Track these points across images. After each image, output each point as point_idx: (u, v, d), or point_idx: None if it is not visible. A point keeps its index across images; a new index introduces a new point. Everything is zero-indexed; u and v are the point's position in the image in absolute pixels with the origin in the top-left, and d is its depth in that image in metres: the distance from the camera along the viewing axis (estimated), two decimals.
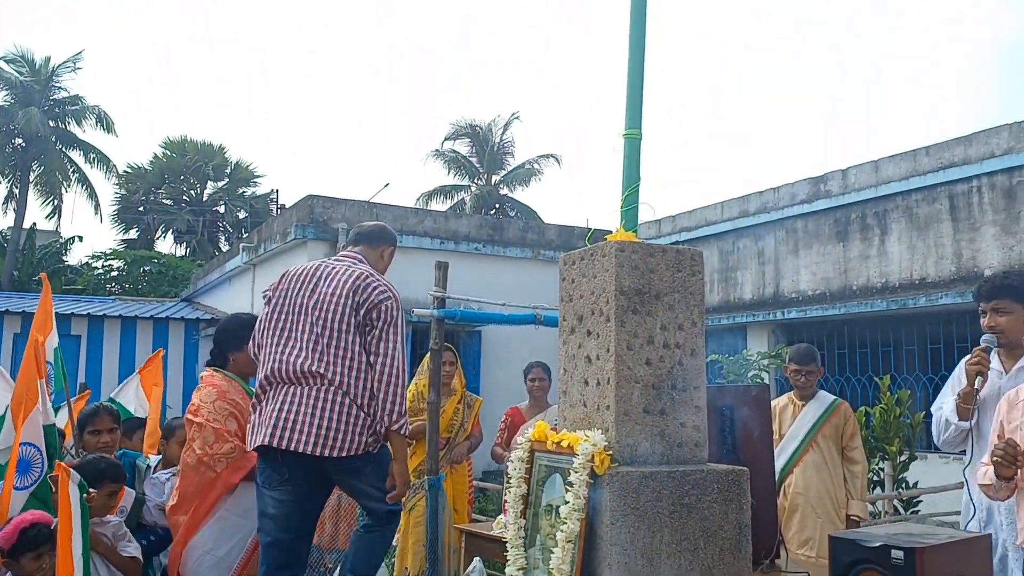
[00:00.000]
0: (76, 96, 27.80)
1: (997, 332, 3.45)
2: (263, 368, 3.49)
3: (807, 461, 4.83)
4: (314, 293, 3.50)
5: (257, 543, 3.66)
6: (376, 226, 4.09)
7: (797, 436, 4.90)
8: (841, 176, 11.40)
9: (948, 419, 3.48)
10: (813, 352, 5.08)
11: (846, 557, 2.29)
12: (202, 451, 3.62)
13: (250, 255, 14.88)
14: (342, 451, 3.31)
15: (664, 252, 2.78)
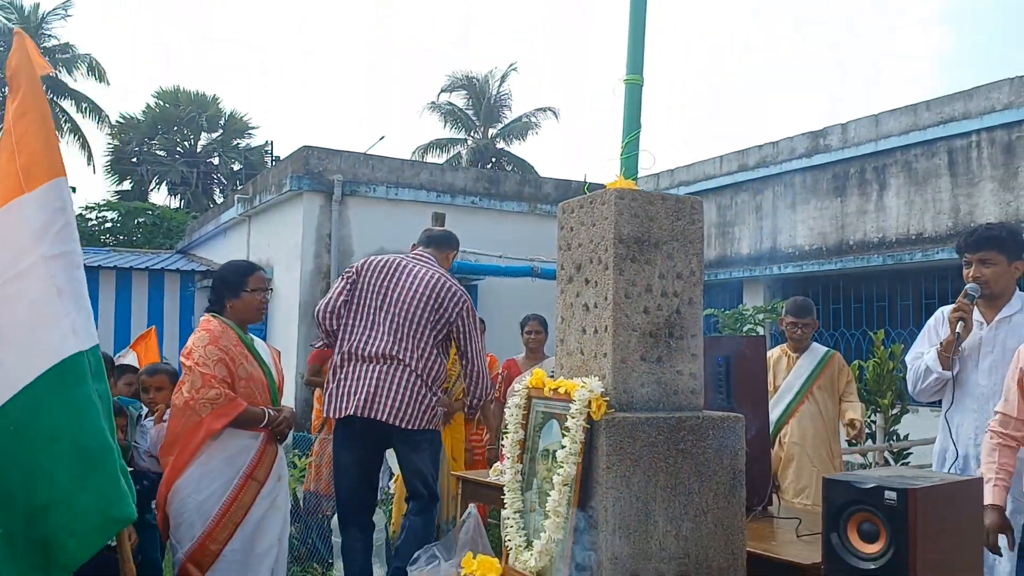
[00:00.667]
0: (66, 44, 27.40)
1: (982, 283, 3.45)
2: (344, 343, 4.15)
3: (802, 412, 4.91)
4: (397, 286, 4.15)
5: (240, 488, 3.72)
6: (445, 232, 4.75)
7: (792, 388, 4.96)
8: (841, 130, 11.33)
9: (929, 367, 3.49)
10: (810, 305, 5.12)
11: (838, 499, 2.32)
12: (189, 394, 3.65)
13: (245, 207, 14.80)
14: (410, 423, 4.03)
15: (664, 200, 2.77)
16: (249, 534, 3.71)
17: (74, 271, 2.67)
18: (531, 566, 2.65)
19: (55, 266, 2.61)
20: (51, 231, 2.63)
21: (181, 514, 3.64)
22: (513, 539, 2.79)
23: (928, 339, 3.67)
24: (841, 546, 2.29)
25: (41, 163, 2.66)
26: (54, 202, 2.66)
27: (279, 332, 13.27)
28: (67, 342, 2.59)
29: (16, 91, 2.74)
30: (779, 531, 3.44)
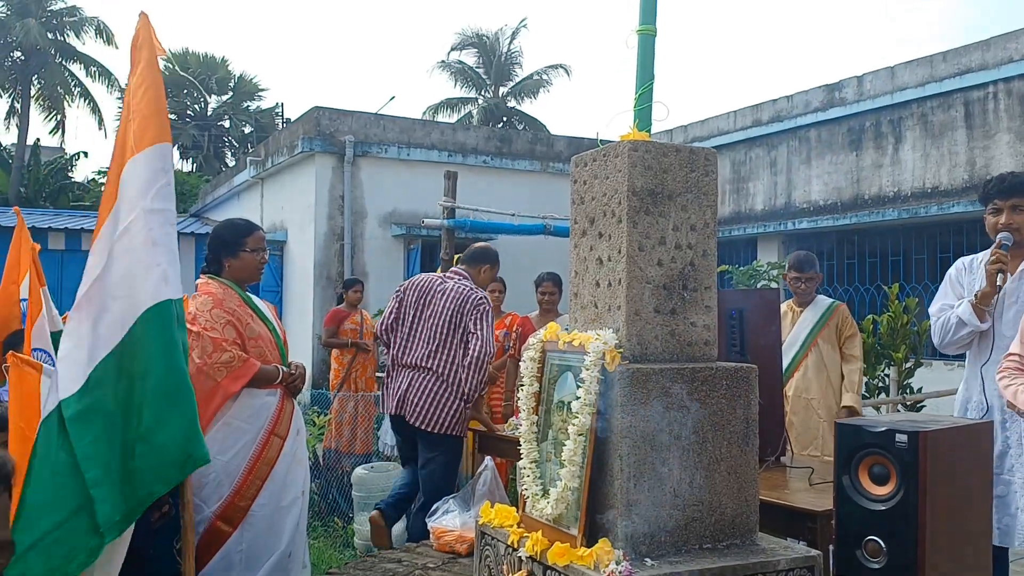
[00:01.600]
0: (73, 7, 27.22)
1: (1013, 230, 3.39)
2: (393, 349, 4.90)
3: (808, 363, 4.93)
4: (430, 304, 4.78)
5: (264, 444, 3.75)
6: (478, 248, 5.10)
7: (797, 340, 4.98)
8: (856, 83, 11.19)
9: (964, 320, 3.39)
10: (811, 259, 5.11)
11: (850, 443, 2.35)
12: (201, 360, 3.59)
13: (257, 169, 14.82)
14: (428, 426, 4.64)
15: (678, 151, 2.77)
16: (276, 489, 3.76)
17: (168, 227, 2.92)
18: (547, 514, 2.70)
19: (153, 220, 2.87)
20: (153, 188, 2.89)
21: (207, 474, 3.64)
22: (530, 488, 2.84)
23: (952, 290, 3.59)
24: (852, 488, 2.33)
25: (151, 128, 2.94)
26: (157, 163, 2.92)
27: (295, 294, 13.36)
28: (161, 289, 2.85)
29: (136, 66, 3.03)
30: (792, 480, 3.49)
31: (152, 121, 2.94)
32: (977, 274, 3.55)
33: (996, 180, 3.47)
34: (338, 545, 5.45)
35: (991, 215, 3.47)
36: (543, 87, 29.45)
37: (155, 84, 3.00)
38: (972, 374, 3.47)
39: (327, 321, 8.49)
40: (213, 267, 3.95)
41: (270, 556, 3.71)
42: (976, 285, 3.50)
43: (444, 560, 3.65)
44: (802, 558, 2.62)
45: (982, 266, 3.50)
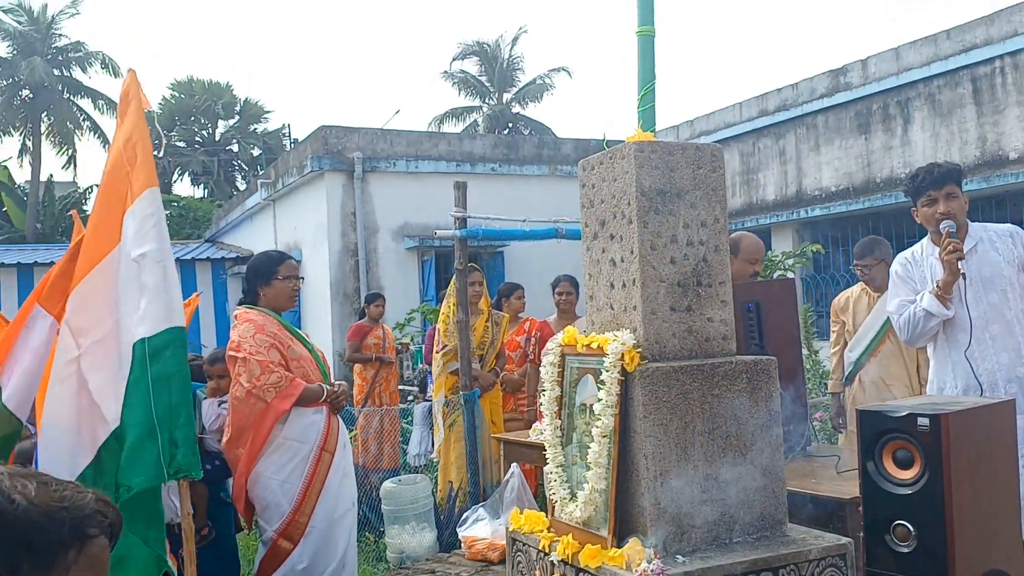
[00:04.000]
0: (78, 42, 27.52)
1: (951, 217, 3.43)
2: None
3: (884, 351, 4.84)
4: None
5: (317, 461, 3.86)
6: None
7: (873, 327, 4.90)
8: (861, 67, 11.14)
9: (929, 311, 3.42)
10: (869, 244, 5.03)
11: (873, 429, 2.36)
12: (249, 384, 3.74)
13: (269, 191, 14.93)
14: None
15: (684, 149, 2.79)
16: (330, 503, 3.89)
17: (155, 266, 3.08)
18: (576, 516, 2.73)
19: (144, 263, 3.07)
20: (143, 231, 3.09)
21: (266, 496, 3.81)
22: (557, 492, 2.86)
23: (904, 286, 3.63)
24: (877, 474, 2.33)
25: (140, 178, 3.17)
26: (148, 208, 3.13)
27: (312, 313, 13.44)
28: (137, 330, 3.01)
29: (123, 117, 3.28)
30: (819, 469, 3.49)
31: (142, 170, 3.17)
32: (926, 264, 3.59)
33: (925, 172, 3.52)
34: (371, 559, 5.48)
35: (926, 206, 3.51)
36: (546, 91, 29.52)
37: (143, 136, 3.24)
38: (955, 361, 3.46)
39: (350, 336, 8.54)
40: (250, 297, 4.14)
41: (327, 568, 3.84)
42: (928, 275, 3.55)
43: (477, 569, 3.68)
44: (834, 546, 2.63)
45: (930, 257, 3.56)
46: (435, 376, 6.21)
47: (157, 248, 3.10)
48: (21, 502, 0.80)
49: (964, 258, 3.35)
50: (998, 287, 3.42)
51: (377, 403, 8.21)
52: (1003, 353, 3.38)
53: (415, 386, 9.70)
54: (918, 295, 3.52)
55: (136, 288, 3.05)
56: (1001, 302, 3.41)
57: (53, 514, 0.82)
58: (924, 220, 3.55)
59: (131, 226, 3.12)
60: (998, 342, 3.39)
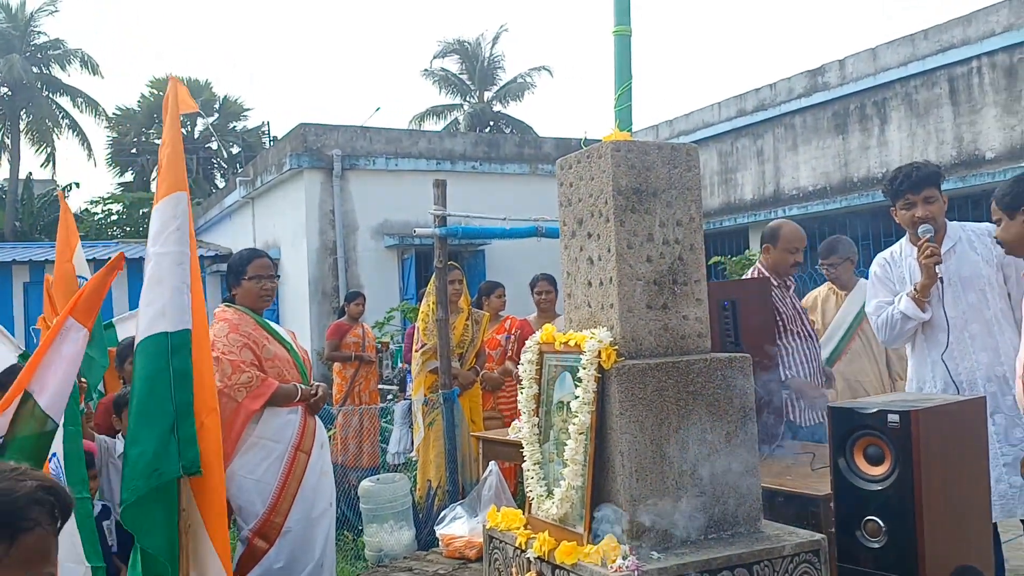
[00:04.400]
0: (57, 40, 27.25)
1: (930, 220, 3.47)
2: None
3: (854, 350, 4.89)
4: None
5: (292, 461, 3.86)
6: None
7: (841, 326, 4.95)
8: (839, 67, 11.24)
9: (908, 314, 3.45)
10: (832, 244, 5.10)
11: (843, 425, 2.38)
12: (222, 383, 3.74)
13: (247, 189, 14.85)
14: None
15: (659, 149, 2.80)
16: (307, 503, 3.89)
17: (175, 267, 3.16)
18: (553, 514, 2.73)
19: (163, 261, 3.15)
20: (164, 233, 3.18)
21: (240, 496, 3.80)
22: (534, 489, 2.87)
23: (883, 287, 3.66)
24: (848, 470, 2.36)
25: (168, 179, 3.26)
26: (170, 211, 3.21)
27: (290, 311, 13.38)
28: (156, 323, 3.09)
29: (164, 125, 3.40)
30: (794, 466, 3.52)
31: (169, 173, 3.26)
32: (904, 265, 3.63)
33: (904, 176, 3.54)
34: (350, 558, 5.46)
35: (904, 209, 3.55)
36: (527, 89, 29.53)
37: (174, 140, 3.32)
38: (932, 362, 3.50)
39: (329, 334, 8.51)
40: (230, 295, 4.16)
41: (304, 568, 3.84)
42: (906, 276, 3.59)
43: (454, 566, 3.68)
44: (807, 542, 2.65)
45: (908, 257, 3.60)
46: (415, 375, 6.20)
47: (179, 251, 3.18)
48: None
49: (941, 262, 3.39)
50: (976, 287, 3.45)
51: (357, 402, 8.19)
52: (982, 352, 3.41)
53: (395, 385, 9.69)
54: (896, 297, 3.56)
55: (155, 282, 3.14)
56: (980, 302, 3.44)
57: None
58: (902, 222, 3.59)
59: (154, 226, 3.22)
60: (977, 341, 3.42)
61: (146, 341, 3.07)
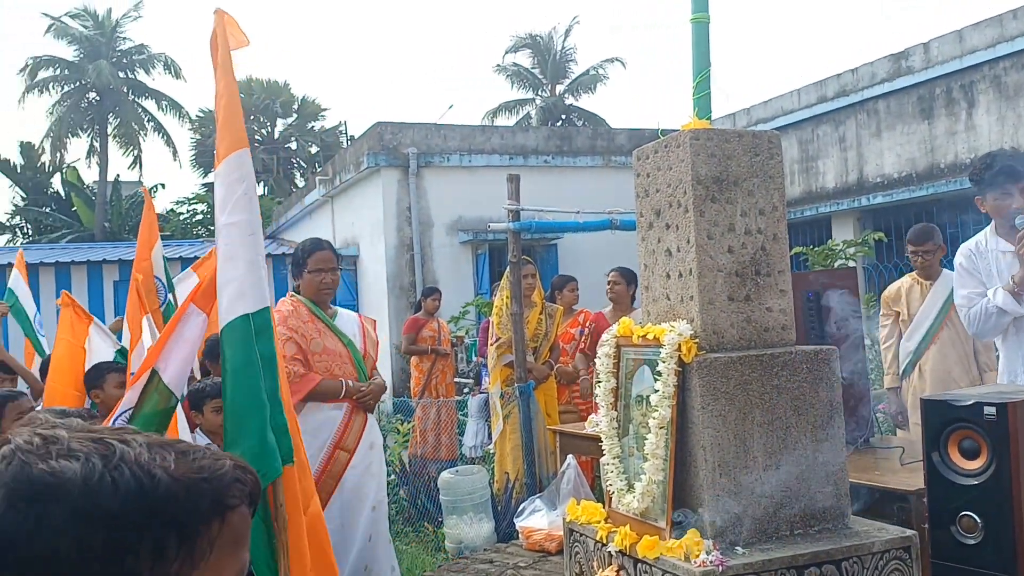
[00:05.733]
0: (141, 45, 28.28)
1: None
2: None
3: (943, 339, 4.76)
4: None
5: (328, 459, 3.77)
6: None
7: (929, 315, 4.82)
8: (923, 50, 10.83)
9: (1003, 308, 3.34)
10: (929, 230, 4.96)
11: (938, 419, 2.31)
12: None
13: (326, 188, 15.15)
14: None
15: (740, 137, 2.76)
16: (346, 501, 3.79)
17: (246, 237, 2.78)
18: (634, 508, 2.72)
19: (231, 233, 2.77)
20: (231, 200, 2.79)
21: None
22: (614, 483, 2.86)
23: (972, 278, 3.54)
24: (943, 464, 2.28)
25: (226, 137, 2.84)
26: (234, 173, 2.81)
27: (369, 306, 13.62)
28: (235, 305, 2.75)
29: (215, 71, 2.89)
30: (882, 461, 3.43)
31: (227, 129, 2.86)
32: (991, 257, 3.51)
33: (1003, 167, 3.43)
34: (430, 549, 5.55)
35: (999, 200, 3.42)
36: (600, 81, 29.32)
37: (229, 88, 2.87)
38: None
39: (406, 329, 8.65)
40: (295, 286, 4.13)
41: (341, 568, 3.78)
42: (993, 269, 3.47)
43: (535, 559, 3.70)
44: (898, 539, 2.58)
45: (994, 249, 3.49)
46: (490, 369, 6.24)
47: (247, 219, 2.79)
48: (163, 477, 0.76)
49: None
50: None
51: (434, 395, 8.30)
52: None
53: (470, 379, 9.78)
54: (989, 289, 3.44)
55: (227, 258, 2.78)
56: None
57: (193, 487, 0.78)
58: (994, 212, 3.46)
59: (219, 192, 2.82)
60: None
61: (230, 327, 2.76)
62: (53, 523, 0.72)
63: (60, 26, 26.91)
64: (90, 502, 0.73)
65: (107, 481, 0.74)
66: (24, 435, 0.79)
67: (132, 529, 0.74)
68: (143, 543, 0.74)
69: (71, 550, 0.72)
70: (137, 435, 0.82)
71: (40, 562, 0.72)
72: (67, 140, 27.09)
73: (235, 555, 0.82)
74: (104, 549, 0.73)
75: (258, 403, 2.72)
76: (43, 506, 0.73)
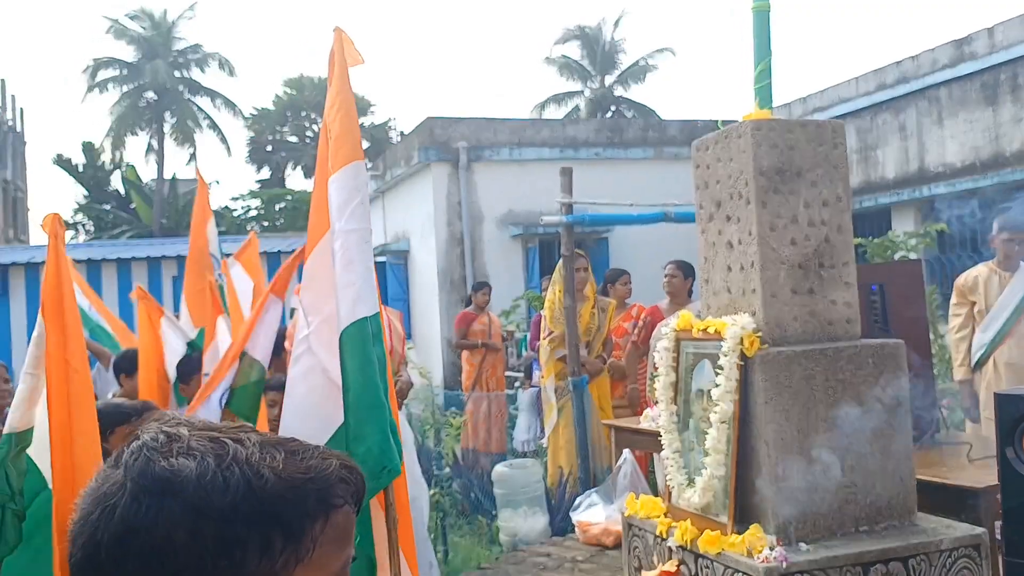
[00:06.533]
0: (196, 45, 28.86)
1: None
2: None
3: (1020, 332, 4.62)
4: None
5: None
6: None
7: (1007, 307, 4.68)
8: (987, 35, 10.50)
9: None
10: (1020, 218, 4.80)
11: (1013, 413, 2.24)
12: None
13: (378, 183, 15.28)
14: None
15: (803, 126, 2.71)
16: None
17: (363, 244, 2.92)
18: (695, 502, 2.70)
19: (350, 240, 2.89)
20: (348, 208, 2.91)
21: None
22: (674, 478, 2.84)
23: None
24: (1018, 460, 2.22)
25: (343, 148, 2.97)
26: (351, 182, 2.93)
27: (421, 301, 13.71)
28: (356, 308, 2.86)
29: (331, 84, 3.07)
30: (948, 457, 3.34)
31: (345, 140, 2.99)
32: None
33: None
34: (484, 542, 5.57)
35: None
36: (649, 72, 29.04)
37: (346, 102, 3.03)
38: None
39: (457, 323, 8.68)
40: None
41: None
42: None
43: (592, 553, 3.69)
44: (967, 536, 2.52)
45: None
46: (543, 363, 6.24)
47: (364, 228, 2.94)
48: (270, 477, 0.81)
49: None
50: None
51: (484, 388, 8.32)
52: None
53: (521, 372, 9.79)
54: None
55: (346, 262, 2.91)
56: None
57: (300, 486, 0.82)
58: None
59: (335, 199, 2.96)
60: None
61: (351, 329, 2.85)
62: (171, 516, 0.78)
63: (119, 27, 27.59)
64: (203, 499, 0.79)
65: (219, 480, 0.79)
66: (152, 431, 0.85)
67: (241, 525, 0.79)
68: (251, 538, 0.79)
69: (186, 541, 0.78)
70: (252, 434, 0.87)
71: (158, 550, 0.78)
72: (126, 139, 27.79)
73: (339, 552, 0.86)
74: (215, 542, 0.78)
75: (379, 402, 2.81)
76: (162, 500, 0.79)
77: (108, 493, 0.80)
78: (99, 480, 0.83)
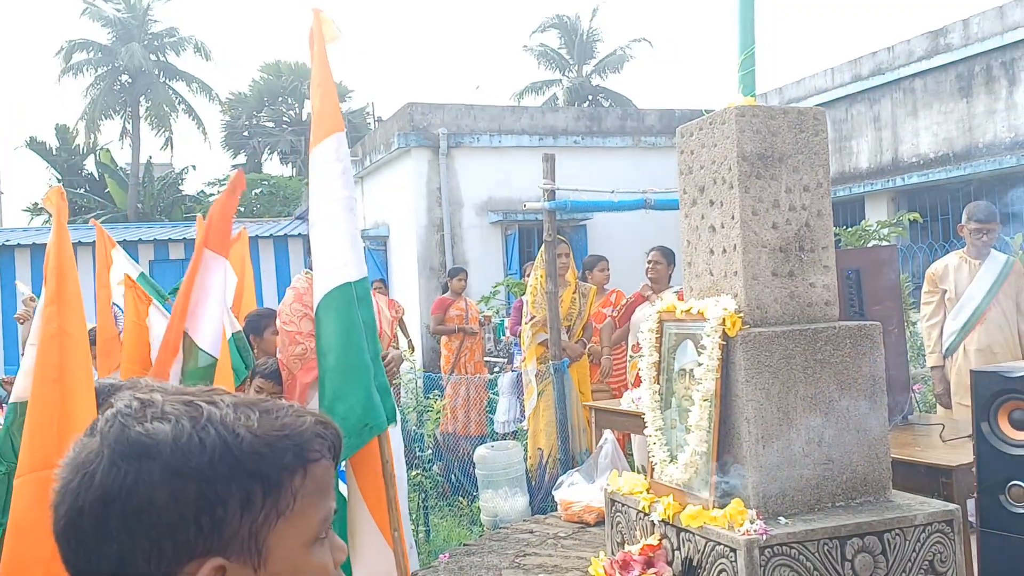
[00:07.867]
0: (172, 28, 28.50)
1: None
2: None
3: (989, 319, 4.76)
4: None
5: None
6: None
7: (977, 295, 4.81)
8: (962, 27, 10.66)
9: None
10: (994, 209, 4.93)
11: (988, 390, 2.33)
12: (282, 355, 3.73)
13: (356, 168, 15.21)
14: None
15: (786, 113, 2.77)
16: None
17: (347, 212, 3.01)
18: (677, 478, 2.77)
19: (334, 208, 3.01)
20: (329, 177, 3.02)
21: None
22: (657, 455, 2.91)
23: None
24: (992, 435, 2.31)
25: (323, 123, 3.08)
26: (331, 153, 3.04)
27: (400, 286, 13.72)
28: (340, 272, 2.95)
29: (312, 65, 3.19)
30: (922, 437, 3.44)
31: (324, 114, 3.09)
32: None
33: None
34: (465, 523, 5.64)
35: None
36: (627, 61, 29.11)
37: (325, 79, 3.14)
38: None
39: (434, 309, 8.73)
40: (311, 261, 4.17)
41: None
42: None
43: (574, 529, 3.76)
44: (940, 512, 2.61)
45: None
46: (524, 347, 6.30)
47: (348, 196, 3.04)
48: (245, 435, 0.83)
49: None
50: None
51: (463, 372, 8.38)
52: None
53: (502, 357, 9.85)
54: None
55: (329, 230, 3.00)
56: None
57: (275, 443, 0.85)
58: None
59: (317, 168, 3.06)
60: None
61: (333, 293, 2.91)
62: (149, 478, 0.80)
63: (93, 9, 27.16)
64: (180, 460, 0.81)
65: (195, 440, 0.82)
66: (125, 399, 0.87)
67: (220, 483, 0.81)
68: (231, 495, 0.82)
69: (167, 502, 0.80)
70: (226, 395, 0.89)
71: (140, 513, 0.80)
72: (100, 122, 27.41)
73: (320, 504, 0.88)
74: (197, 500, 0.81)
75: (363, 363, 2.88)
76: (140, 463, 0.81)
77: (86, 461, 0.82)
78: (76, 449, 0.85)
